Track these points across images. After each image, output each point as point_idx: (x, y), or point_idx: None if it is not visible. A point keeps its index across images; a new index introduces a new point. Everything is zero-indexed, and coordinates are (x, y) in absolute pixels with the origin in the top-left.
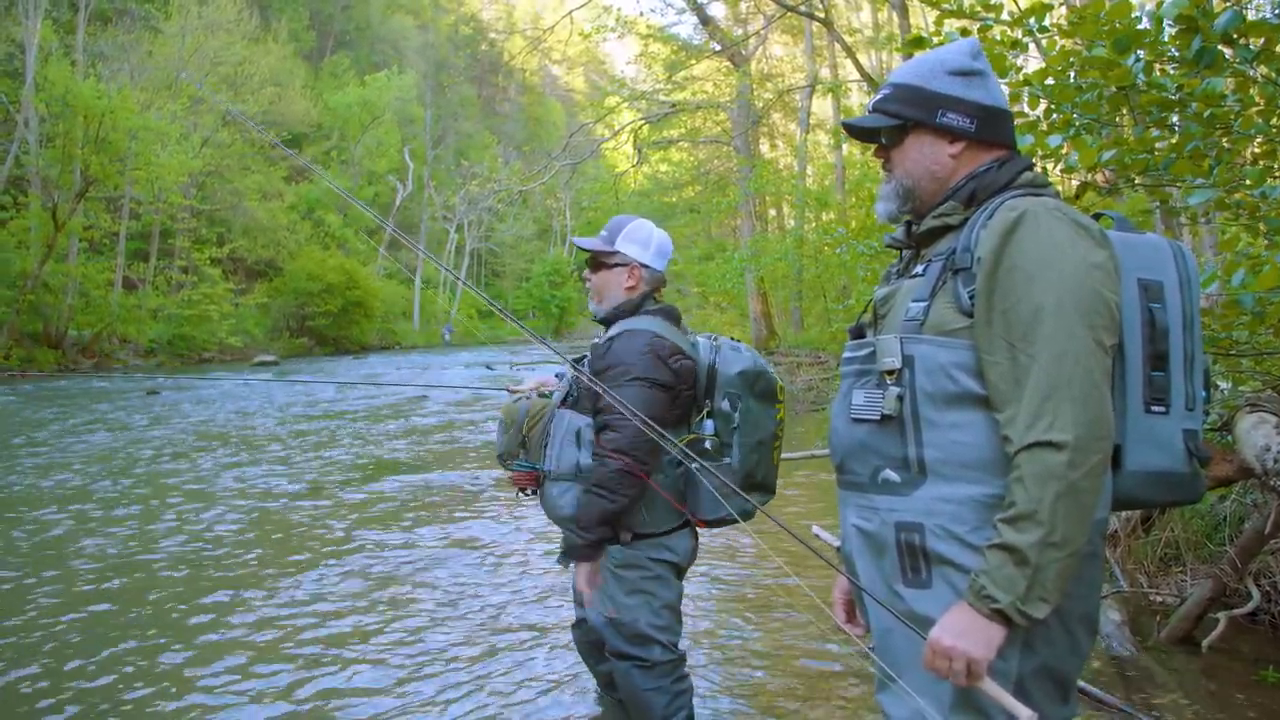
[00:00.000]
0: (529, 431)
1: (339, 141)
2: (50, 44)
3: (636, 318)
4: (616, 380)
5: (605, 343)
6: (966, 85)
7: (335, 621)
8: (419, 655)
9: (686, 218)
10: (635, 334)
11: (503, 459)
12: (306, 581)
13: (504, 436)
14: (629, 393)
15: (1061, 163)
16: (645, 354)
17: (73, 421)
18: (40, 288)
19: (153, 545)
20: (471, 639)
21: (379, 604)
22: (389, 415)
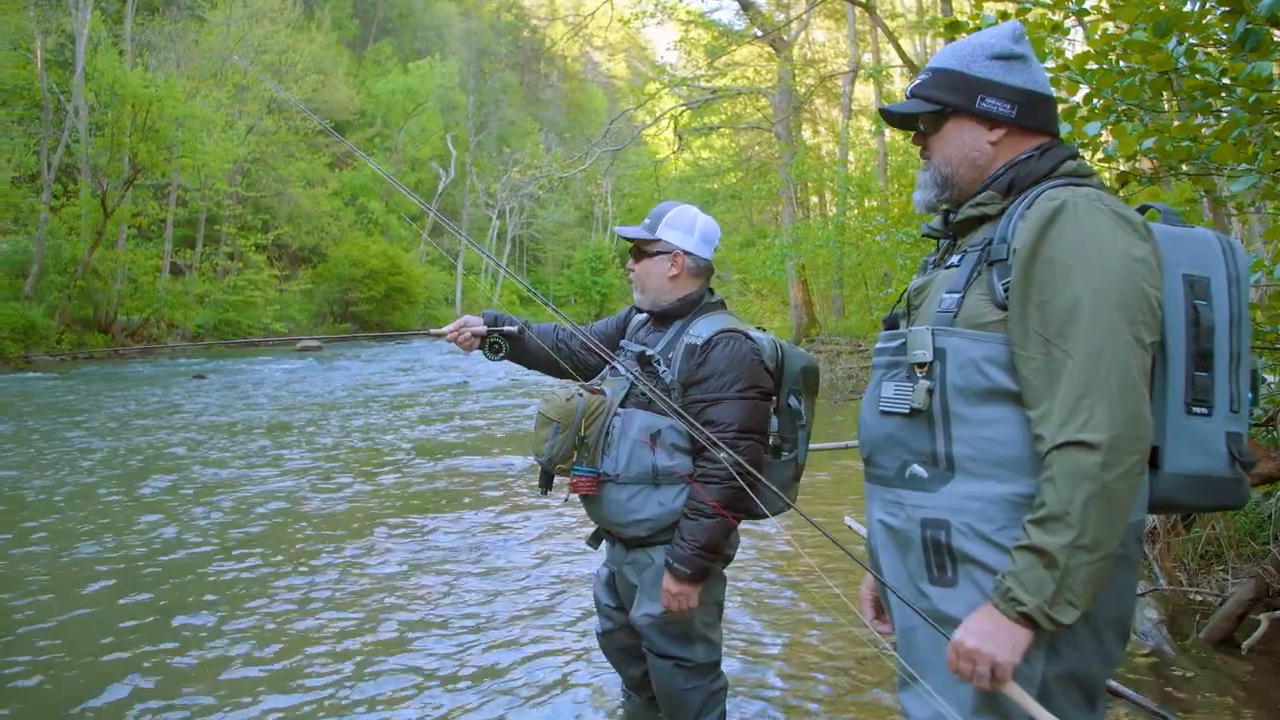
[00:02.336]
0: (586, 431)
1: (382, 129)
2: (99, 34)
3: (712, 315)
4: (724, 390)
5: (700, 348)
6: (1007, 69)
7: (356, 611)
8: (450, 644)
9: (728, 204)
10: (733, 337)
11: (551, 463)
12: (334, 569)
13: (556, 438)
14: (743, 405)
15: (1100, 151)
16: (752, 360)
17: (123, 404)
18: (90, 274)
19: (196, 525)
20: (499, 633)
21: (413, 592)
22: (430, 400)
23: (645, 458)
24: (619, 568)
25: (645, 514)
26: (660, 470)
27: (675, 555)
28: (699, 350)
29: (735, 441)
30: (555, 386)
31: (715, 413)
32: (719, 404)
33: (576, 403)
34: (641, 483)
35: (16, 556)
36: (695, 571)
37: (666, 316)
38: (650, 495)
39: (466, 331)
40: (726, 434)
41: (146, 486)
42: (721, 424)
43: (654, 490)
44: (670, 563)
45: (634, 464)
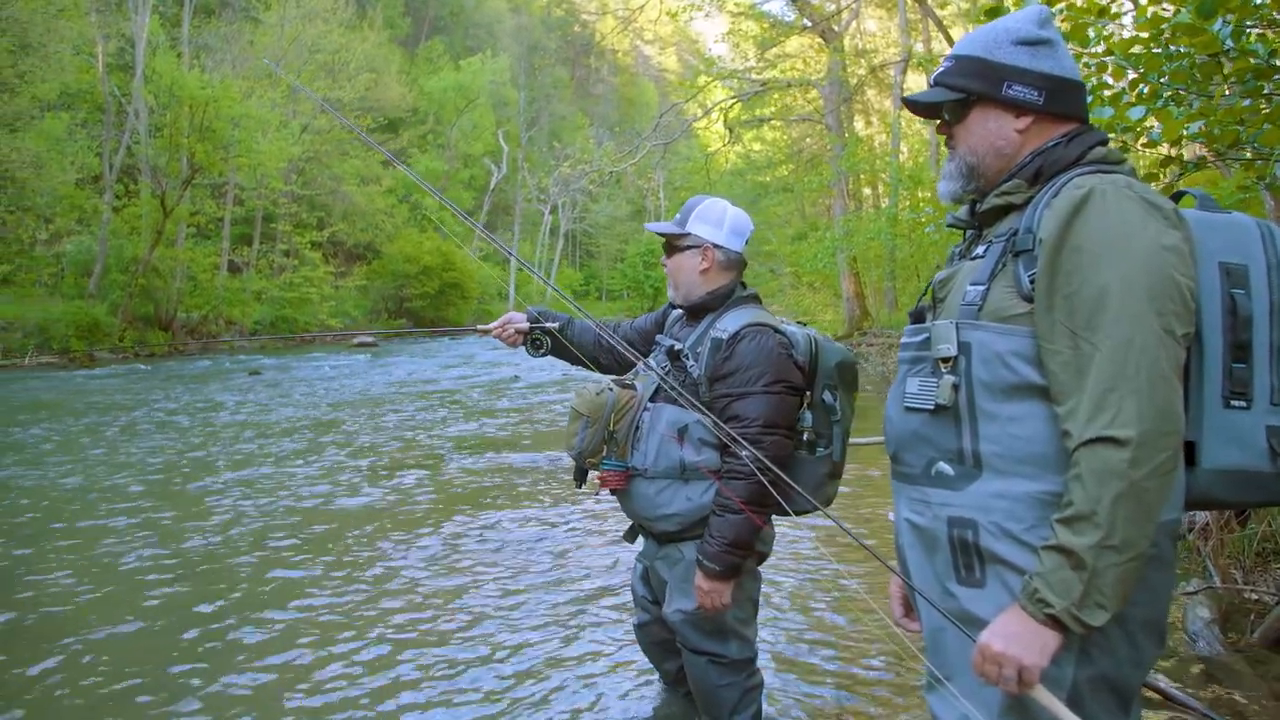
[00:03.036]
0: (615, 426)
1: (434, 125)
2: (158, 37)
3: (741, 308)
4: (750, 385)
5: (727, 342)
6: (1033, 55)
7: (399, 603)
8: (491, 637)
9: (780, 197)
10: (761, 331)
11: (581, 457)
12: (377, 563)
13: (586, 432)
14: (769, 400)
15: (1144, 137)
16: (779, 355)
17: (178, 400)
18: (150, 272)
19: (256, 517)
20: (541, 625)
21: (454, 586)
22: (479, 395)
23: (673, 452)
24: (651, 563)
25: (674, 509)
26: (688, 465)
27: (705, 552)
28: (725, 344)
29: (760, 436)
30: (588, 381)
31: (740, 407)
32: (744, 398)
33: (606, 397)
34: (670, 477)
35: (66, 546)
36: (725, 568)
37: (699, 310)
38: (679, 490)
39: (510, 328)
40: (751, 429)
41: (196, 482)
42: (746, 419)
43: (682, 485)
44: (700, 559)
45: (662, 459)
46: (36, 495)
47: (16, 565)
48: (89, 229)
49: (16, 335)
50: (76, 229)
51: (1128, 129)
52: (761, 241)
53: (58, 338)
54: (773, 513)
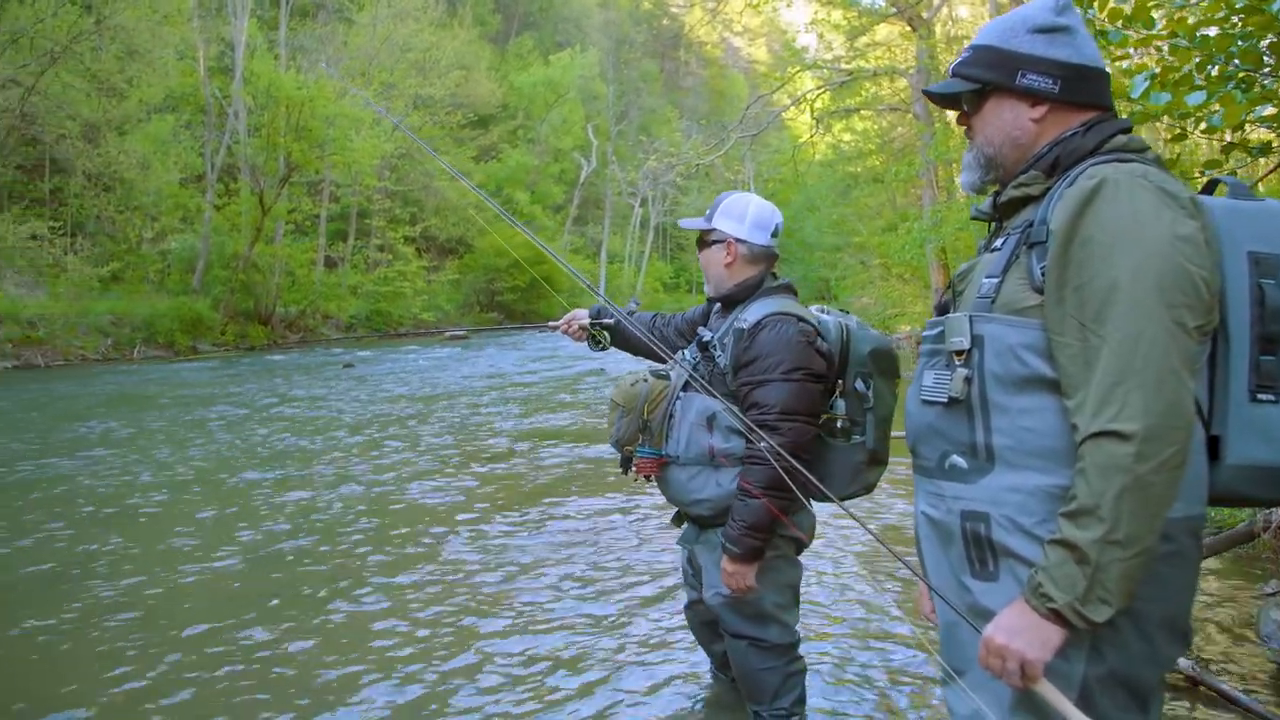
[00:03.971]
0: (649, 415)
1: (524, 120)
2: (256, 40)
3: (766, 299)
4: (770, 372)
5: (748, 331)
6: (1049, 43)
7: (466, 593)
8: (538, 626)
9: (870, 188)
10: (782, 320)
11: (619, 445)
12: (450, 551)
13: (622, 421)
14: (787, 387)
15: (1203, 123)
16: (799, 343)
17: (279, 391)
18: (250, 268)
19: (345, 500)
20: (592, 612)
21: (517, 572)
22: (563, 388)
23: (703, 440)
24: (691, 547)
25: (705, 494)
26: (717, 452)
27: (727, 535)
28: (747, 334)
29: (778, 423)
30: (627, 373)
31: (760, 395)
32: (763, 386)
33: (640, 388)
34: (700, 464)
35: (154, 531)
36: (745, 551)
37: (729, 302)
38: (709, 476)
39: (575, 324)
40: (769, 415)
41: (280, 470)
42: (765, 405)
43: (713, 471)
44: (723, 542)
45: (693, 446)
46: (124, 483)
47: (99, 553)
48: (192, 227)
49: (125, 330)
50: (180, 227)
51: (1185, 115)
52: (851, 233)
53: (163, 332)
54: (790, 498)
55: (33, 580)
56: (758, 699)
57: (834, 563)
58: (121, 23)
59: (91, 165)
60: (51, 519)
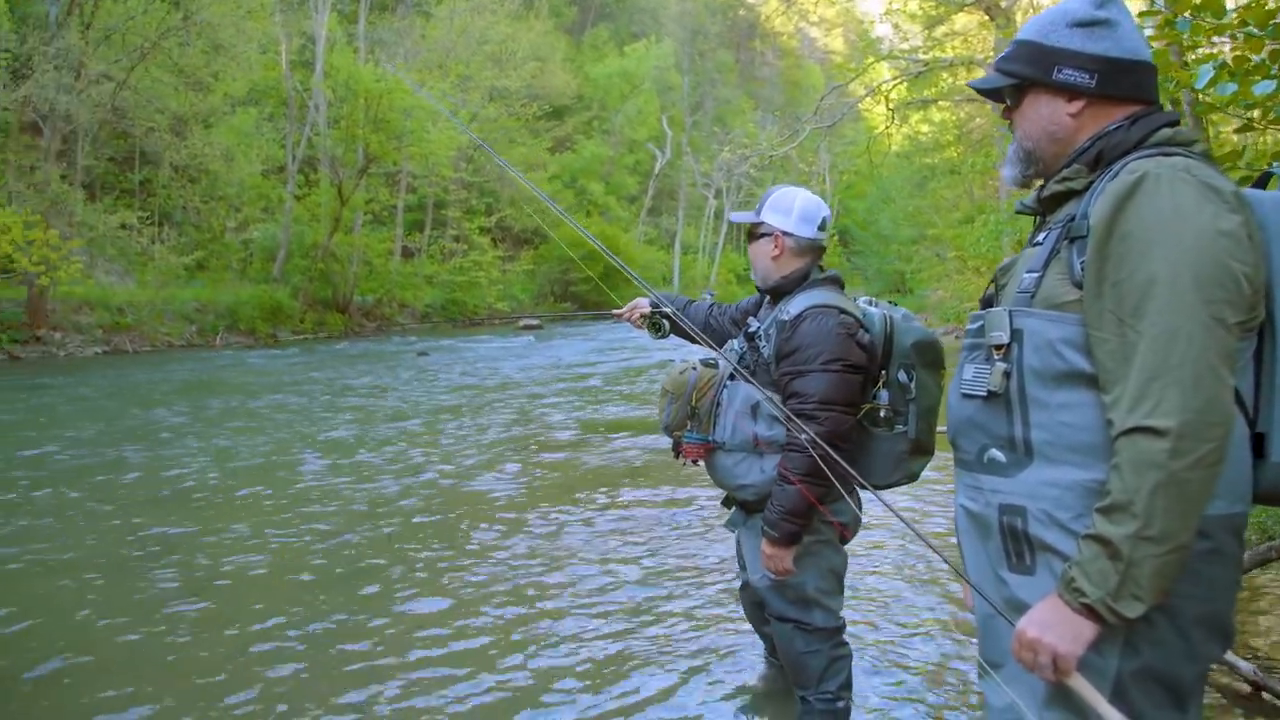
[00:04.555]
0: (697, 403)
1: (599, 112)
2: (336, 34)
3: (811, 291)
4: (809, 363)
5: (790, 323)
6: (1088, 37)
7: (527, 579)
8: (593, 609)
9: (947, 180)
10: (823, 312)
11: (669, 430)
12: (514, 537)
13: (671, 408)
14: (826, 378)
15: (1271, 113)
16: (838, 335)
17: (354, 379)
18: (329, 257)
19: (409, 488)
20: (644, 595)
21: (573, 558)
22: (634, 378)
23: (747, 427)
24: (738, 530)
25: (749, 480)
26: (761, 439)
27: (766, 519)
28: (788, 325)
29: (816, 412)
30: (677, 360)
31: (800, 384)
32: (803, 376)
33: (689, 376)
34: (745, 450)
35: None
36: (783, 535)
37: (776, 294)
38: (754, 463)
39: (636, 313)
40: (808, 405)
41: (348, 458)
42: (804, 395)
43: (757, 458)
44: (763, 526)
45: (738, 433)
46: (196, 469)
47: (171, 537)
48: (273, 217)
49: (209, 317)
50: (262, 217)
51: (1251, 105)
52: (927, 225)
53: (245, 319)
54: (827, 485)
55: (104, 565)
56: (803, 683)
57: (884, 551)
58: (208, 18)
59: (178, 157)
60: (118, 504)
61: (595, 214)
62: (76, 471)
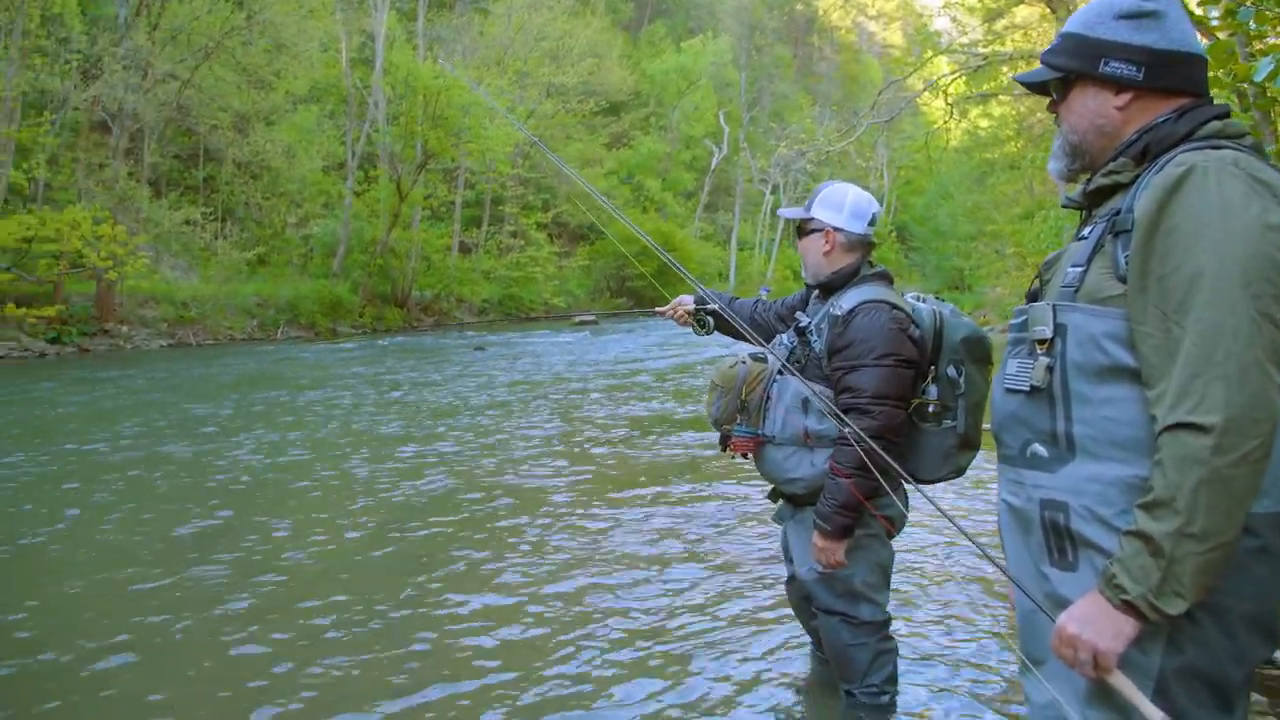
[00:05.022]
0: (746, 397)
1: (656, 108)
2: (395, 32)
3: (862, 286)
4: (862, 358)
5: (842, 318)
6: (1135, 29)
7: (579, 571)
8: (649, 601)
9: (1007, 175)
10: (876, 307)
11: (718, 424)
12: (570, 530)
13: (720, 401)
14: (879, 373)
15: None
16: (891, 330)
17: (411, 373)
18: (388, 253)
19: (464, 479)
20: (691, 590)
21: (622, 553)
22: (679, 374)
23: (798, 421)
24: (785, 524)
25: (799, 473)
26: (811, 433)
27: (818, 512)
28: (840, 321)
29: (869, 406)
30: (726, 355)
31: (852, 379)
32: (856, 371)
33: (739, 370)
34: (795, 444)
35: (284, 505)
36: (836, 528)
37: (826, 289)
38: (804, 456)
39: (680, 309)
40: (861, 399)
41: (403, 447)
42: (857, 390)
43: (808, 452)
44: (815, 519)
45: (788, 427)
46: (258, 459)
47: (237, 522)
48: (333, 213)
49: (270, 311)
50: (322, 213)
51: None
52: (986, 221)
53: (305, 313)
54: (875, 482)
55: (159, 555)
56: (849, 677)
57: (928, 546)
58: (270, 18)
59: (241, 154)
60: (173, 494)
61: (651, 210)
62: (135, 462)
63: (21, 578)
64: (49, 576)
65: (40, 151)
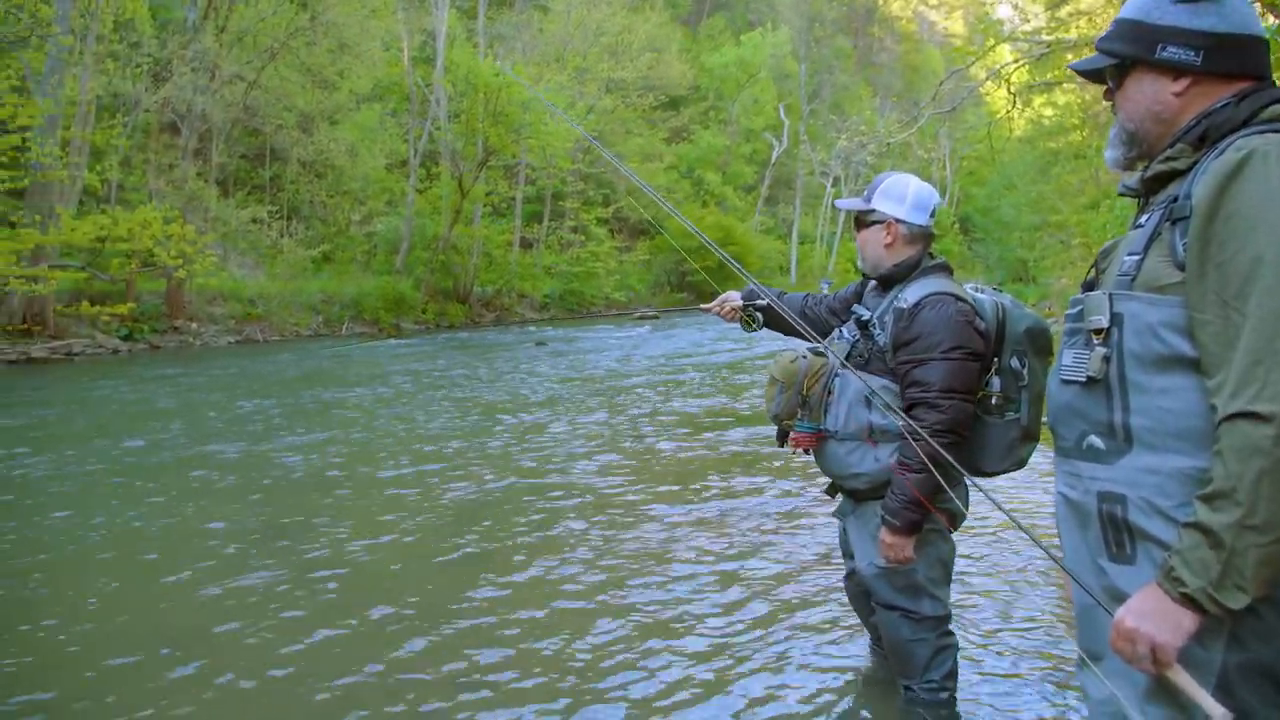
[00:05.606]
0: (808, 391)
1: (715, 101)
2: (455, 30)
3: (925, 278)
4: (930, 351)
5: (908, 311)
6: (1193, 13)
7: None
8: (707, 592)
9: (1072, 164)
10: (942, 300)
11: (778, 419)
12: (624, 523)
13: (781, 397)
14: (947, 366)
15: None
16: (959, 322)
17: (474, 368)
18: (450, 249)
19: (523, 472)
20: (747, 584)
21: (678, 547)
22: (751, 367)
23: (862, 416)
24: (845, 519)
25: (863, 468)
26: (876, 428)
27: (887, 508)
28: (907, 314)
29: (938, 401)
30: (785, 349)
31: (920, 373)
32: (924, 365)
33: (800, 364)
34: (859, 439)
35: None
36: (905, 524)
37: (887, 281)
38: (867, 452)
39: (727, 306)
40: (930, 393)
41: (464, 441)
42: (926, 384)
43: (871, 447)
44: (883, 515)
45: (851, 421)
46: (322, 454)
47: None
48: (396, 210)
49: (334, 308)
50: (385, 210)
51: None
52: (1051, 211)
53: (369, 309)
54: (936, 475)
55: (222, 547)
56: (908, 673)
57: (984, 539)
58: (333, 18)
59: (306, 153)
60: (244, 490)
61: (712, 204)
62: (199, 459)
63: (84, 579)
64: (108, 577)
65: (113, 153)
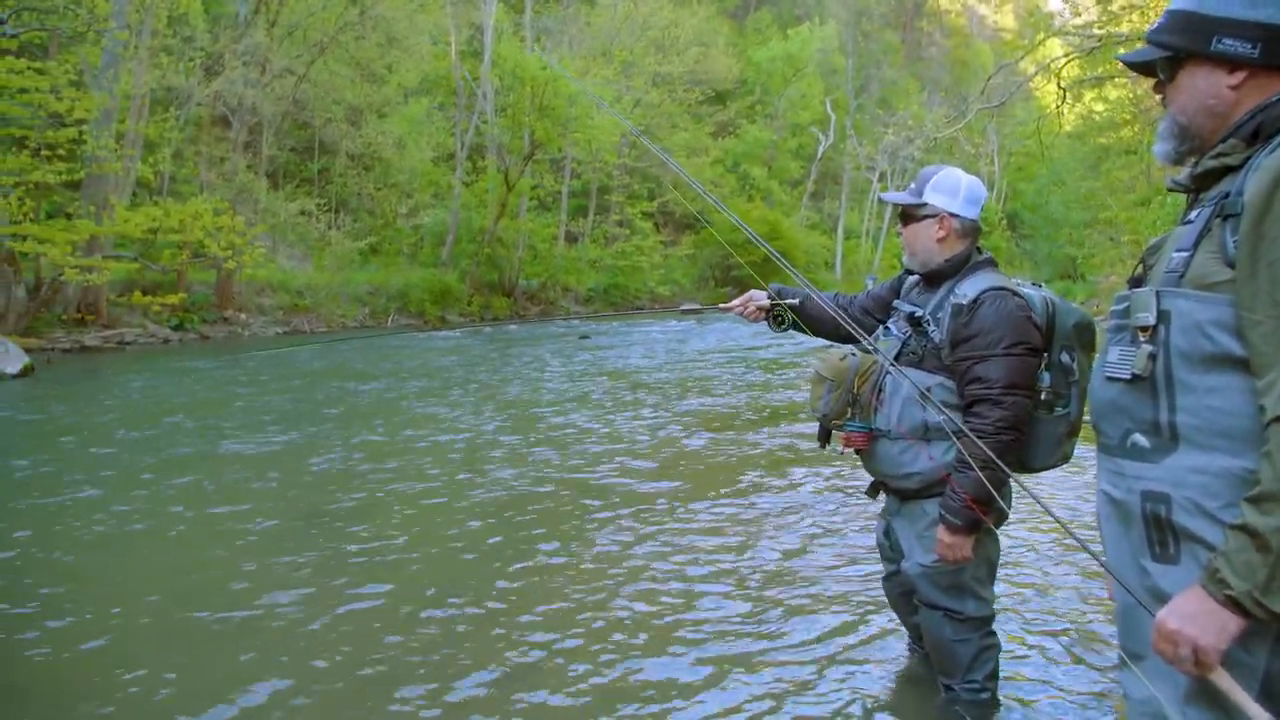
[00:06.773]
0: (859, 390)
1: (762, 96)
2: (503, 24)
3: (978, 274)
4: (992, 348)
5: (967, 307)
6: (1251, 4)
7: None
8: (745, 590)
9: (1122, 160)
10: (1000, 295)
11: (826, 419)
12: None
13: (830, 395)
14: (1009, 362)
15: None
16: (1019, 317)
17: (518, 361)
18: (495, 242)
19: (563, 467)
20: (785, 581)
21: (735, 543)
22: (791, 363)
23: (916, 414)
24: (891, 519)
25: (916, 467)
26: (931, 426)
27: (947, 507)
28: (966, 309)
29: (1001, 397)
30: (832, 347)
31: (982, 370)
32: (986, 361)
33: (850, 362)
34: (913, 438)
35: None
36: (966, 523)
37: (936, 277)
38: (921, 450)
39: (752, 305)
40: (993, 390)
41: (508, 435)
42: (988, 380)
43: (925, 445)
44: (943, 514)
45: (905, 420)
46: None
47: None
48: (443, 203)
49: (381, 300)
50: (432, 203)
51: None
52: (1100, 208)
53: (415, 301)
54: (999, 473)
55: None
56: (950, 672)
57: (1026, 537)
58: (382, 12)
59: (354, 146)
60: (280, 479)
61: (758, 199)
62: (235, 448)
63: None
64: (159, 569)
65: (166, 146)
